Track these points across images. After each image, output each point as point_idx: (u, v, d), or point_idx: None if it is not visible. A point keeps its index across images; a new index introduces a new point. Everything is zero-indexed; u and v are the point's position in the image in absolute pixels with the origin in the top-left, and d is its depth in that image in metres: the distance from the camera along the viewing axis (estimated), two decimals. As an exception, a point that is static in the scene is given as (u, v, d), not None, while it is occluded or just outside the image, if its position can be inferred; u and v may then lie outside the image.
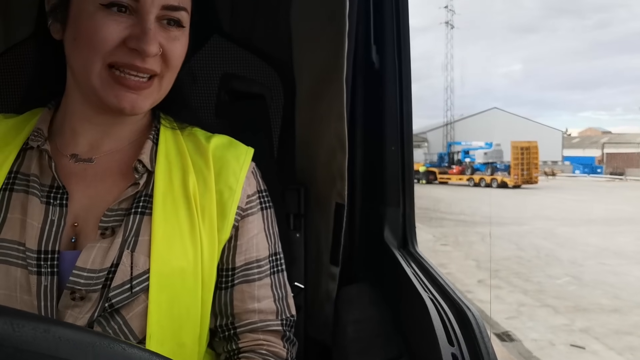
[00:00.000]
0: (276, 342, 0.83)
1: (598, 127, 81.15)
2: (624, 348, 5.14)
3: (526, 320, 6.00)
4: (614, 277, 7.85)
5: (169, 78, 0.77)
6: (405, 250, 1.17)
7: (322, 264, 1.16)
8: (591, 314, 6.17)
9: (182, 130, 0.86)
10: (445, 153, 35.92)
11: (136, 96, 0.73)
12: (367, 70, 1.21)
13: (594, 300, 6.74)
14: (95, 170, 0.78)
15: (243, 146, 0.87)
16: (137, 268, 0.71)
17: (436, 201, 18.82)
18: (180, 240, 0.74)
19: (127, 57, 0.71)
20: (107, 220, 0.74)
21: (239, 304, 0.82)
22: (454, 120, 48.97)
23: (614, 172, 44.46)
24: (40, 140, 0.76)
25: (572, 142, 67.44)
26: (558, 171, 44.32)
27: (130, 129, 0.82)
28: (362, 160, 1.26)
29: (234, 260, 0.82)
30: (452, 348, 0.73)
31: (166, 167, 0.79)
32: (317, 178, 1.17)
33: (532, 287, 7.33)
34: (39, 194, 0.74)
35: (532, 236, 11.28)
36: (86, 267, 0.70)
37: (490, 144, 31.88)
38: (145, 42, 0.70)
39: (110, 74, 0.71)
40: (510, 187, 27.83)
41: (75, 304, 0.70)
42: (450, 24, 51.98)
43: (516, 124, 54.49)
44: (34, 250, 0.71)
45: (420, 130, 52.23)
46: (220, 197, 0.79)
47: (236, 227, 0.82)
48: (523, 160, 28.59)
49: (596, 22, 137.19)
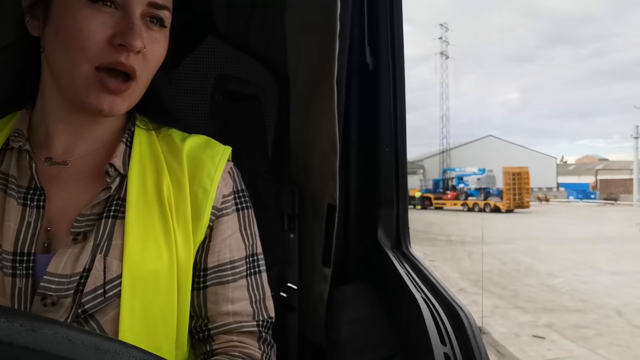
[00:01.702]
0: (251, 343, 0.81)
1: (595, 155, 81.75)
2: (578, 337, 6.00)
3: (498, 318, 6.83)
4: (583, 285, 8.73)
5: (145, 79, 0.77)
6: (398, 251, 1.17)
7: (316, 265, 1.16)
8: (556, 313, 7.03)
9: (157, 132, 0.85)
10: (440, 179, 36.36)
11: (114, 98, 0.72)
12: (362, 71, 1.21)
13: (561, 302, 7.62)
14: (69, 174, 0.78)
15: (220, 146, 0.86)
16: (110, 272, 0.71)
17: (429, 224, 19.58)
18: (155, 243, 0.74)
19: (111, 56, 0.70)
20: (79, 226, 0.73)
21: (213, 306, 0.80)
22: (450, 148, 49.92)
23: (608, 198, 45.19)
24: (22, 140, 0.76)
25: (568, 169, 68.16)
26: (551, 197, 44.96)
27: (104, 130, 0.81)
28: (356, 161, 1.26)
29: (206, 261, 0.81)
30: (445, 347, 0.74)
31: (140, 170, 0.78)
32: (311, 179, 1.17)
33: (507, 294, 8.17)
34: (15, 195, 0.74)
35: (515, 253, 12.17)
36: (57, 273, 0.69)
37: (483, 170, 32.38)
38: (132, 36, 0.70)
39: (95, 77, 0.71)
40: (502, 212, 28.50)
41: (47, 309, 0.69)
42: (445, 55, 53.48)
43: (511, 151, 55.42)
44: (9, 252, 0.70)
45: (417, 158, 53.08)
46: (195, 199, 0.79)
47: (211, 228, 0.81)
48: (515, 186, 29.27)
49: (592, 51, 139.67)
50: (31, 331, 0.35)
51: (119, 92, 0.73)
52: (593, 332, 6.21)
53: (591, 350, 5.60)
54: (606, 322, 6.63)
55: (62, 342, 0.36)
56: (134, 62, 0.72)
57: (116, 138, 0.82)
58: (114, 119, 0.82)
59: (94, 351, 0.37)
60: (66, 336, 0.36)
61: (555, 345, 5.75)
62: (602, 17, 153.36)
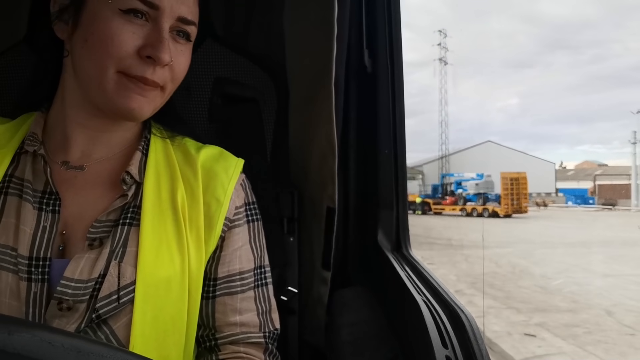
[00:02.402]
0: (257, 355, 0.82)
1: (594, 160, 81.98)
2: (568, 335, 6.26)
3: (491, 318, 7.07)
4: (576, 286, 8.97)
5: (170, 89, 0.79)
6: (398, 253, 1.17)
7: (315, 268, 1.16)
8: (548, 313, 7.29)
9: (172, 140, 0.86)
10: (438, 184, 36.66)
11: (144, 99, 0.74)
12: (360, 74, 1.22)
13: (554, 303, 7.88)
14: (85, 178, 0.78)
15: (233, 158, 0.88)
16: (125, 279, 0.71)
17: (428, 229, 19.89)
18: (168, 251, 0.75)
19: (138, 68, 0.72)
20: (95, 232, 0.74)
21: (221, 316, 0.81)
22: (449, 154, 50.23)
23: (606, 203, 45.42)
24: (36, 144, 0.77)
25: (567, 174, 68.48)
26: (550, 202, 45.25)
27: (121, 136, 0.82)
28: (355, 163, 1.26)
29: (217, 271, 0.82)
30: (446, 350, 0.73)
31: (155, 179, 0.79)
32: (310, 181, 1.17)
33: (501, 295, 8.41)
34: (31, 200, 0.74)
35: (511, 256, 12.45)
36: (74, 278, 0.70)
37: (482, 175, 32.74)
38: (161, 50, 0.72)
39: (125, 79, 0.72)
40: (501, 217, 28.79)
41: (62, 314, 0.69)
42: (444, 61, 53.87)
43: (510, 157, 55.88)
44: (25, 257, 0.71)
45: (417, 163, 53.36)
46: (208, 209, 0.80)
47: (222, 238, 0.82)
48: (512, 191, 29.60)
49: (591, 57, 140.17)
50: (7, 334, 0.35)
51: (145, 94, 0.74)
52: (583, 330, 6.49)
53: (580, 347, 5.88)
54: (596, 322, 6.93)
55: (40, 345, 0.36)
56: (159, 77, 0.74)
57: (133, 145, 0.83)
58: (132, 126, 0.83)
59: (75, 354, 0.37)
60: (45, 339, 0.36)
61: (545, 343, 6.02)
62: (601, 23, 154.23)
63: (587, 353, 5.70)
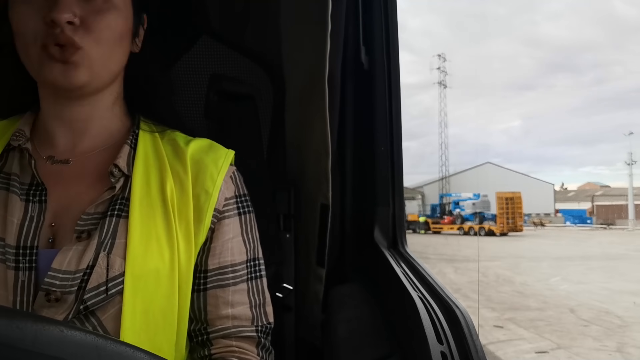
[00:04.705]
0: (249, 349, 0.81)
1: (597, 182, 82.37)
2: (531, 327, 7.40)
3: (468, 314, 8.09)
4: (549, 291, 9.95)
5: (98, 52, 0.75)
6: (395, 250, 1.17)
7: (311, 265, 1.15)
8: (518, 311, 8.30)
9: (161, 134, 0.86)
10: (437, 204, 37.28)
11: (66, 66, 0.72)
12: (357, 71, 1.22)
13: (526, 303, 8.87)
14: (72, 172, 0.78)
15: (223, 149, 0.86)
16: (113, 270, 0.71)
17: (425, 246, 20.88)
18: (157, 243, 0.74)
19: (47, 33, 0.71)
20: (83, 224, 0.74)
21: (212, 309, 0.80)
22: (449, 175, 51.25)
23: (604, 223, 46.16)
24: (22, 139, 0.77)
25: (568, 195, 69.24)
26: (547, 221, 46.06)
27: (101, 127, 0.82)
28: (352, 160, 1.26)
29: (207, 263, 0.80)
30: (442, 346, 0.73)
31: (144, 171, 0.79)
32: (306, 178, 1.17)
33: (481, 298, 9.42)
34: (18, 192, 0.75)
35: (498, 268, 13.58)
36: (61, 269, 0.69)
37: (478, 195, 33.71)
38: (55, 10, 0.69)
39: (43, 51, 0.71)
40: (497, 235, 29.73)
41: (50, 304, 0.69)
42: (443, 84, 55.29)
43: (509, 178, 56.62)
44: (12, 246, 0.70)
45: (417, 184, 54.36)
46: (197, 201, 0.79)
47: (212, 230, 0.81)
48: (508, 210, 30.62)
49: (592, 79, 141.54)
50: None
51: (67, 60, 0.72)
52: (545, 323, 7.62)
53: (538, 335, 7.02)
54: (558, 317, 8.05)
55: None
56: (72, 34, 0.71)
57: (120, 140, 0.82)
58: (111, 117, 0.82)
59: None
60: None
61: (510, 332, 7.13)
62: (603, 46, 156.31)
63: (543, 338, 6.77)
